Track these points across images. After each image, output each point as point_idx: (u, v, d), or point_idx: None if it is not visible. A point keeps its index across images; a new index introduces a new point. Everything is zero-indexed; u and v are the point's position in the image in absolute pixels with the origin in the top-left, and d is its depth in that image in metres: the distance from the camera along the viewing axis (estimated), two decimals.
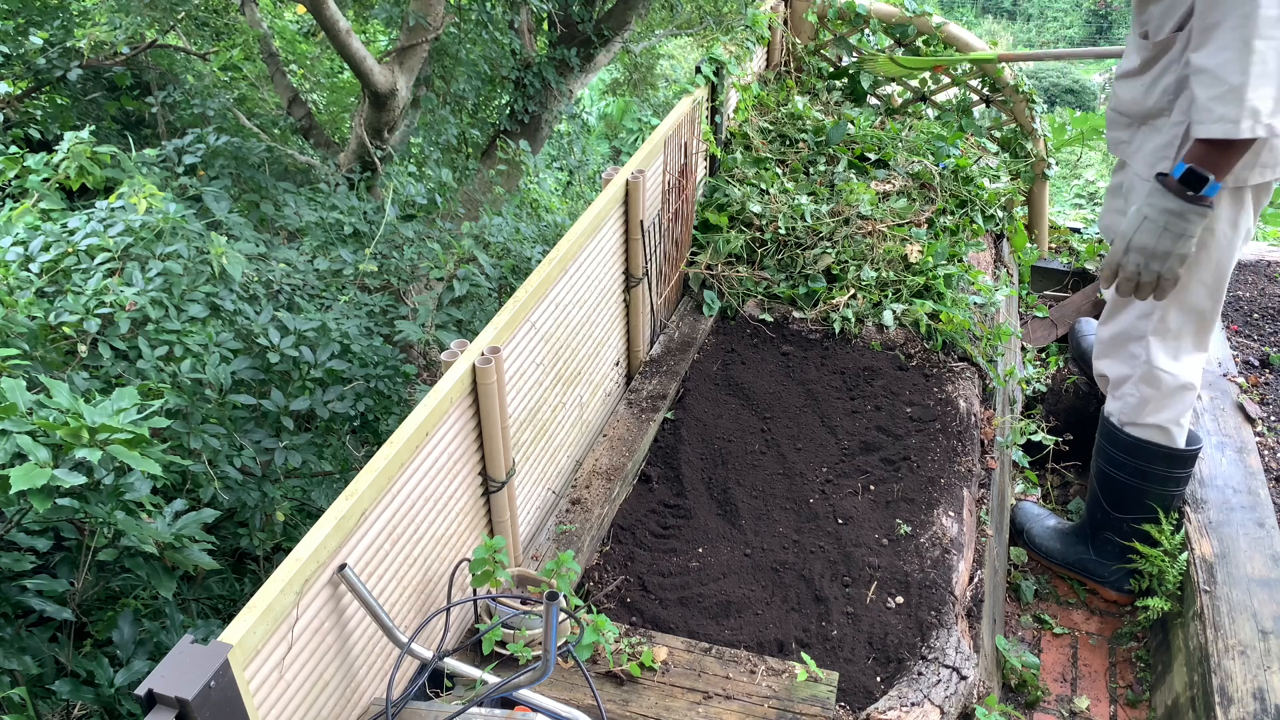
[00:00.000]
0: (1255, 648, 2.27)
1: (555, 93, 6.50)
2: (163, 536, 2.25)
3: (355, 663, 1.71)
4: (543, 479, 2.37)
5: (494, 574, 1.88)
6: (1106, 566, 2.70)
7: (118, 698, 2.24)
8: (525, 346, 2.15)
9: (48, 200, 3.24)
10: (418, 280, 4.07)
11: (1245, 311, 3.77)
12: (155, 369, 2.68)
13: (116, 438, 1.98)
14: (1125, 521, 2.61)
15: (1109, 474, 2.60)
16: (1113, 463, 2.58)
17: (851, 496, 2.49)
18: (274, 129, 6.24)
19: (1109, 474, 2.60)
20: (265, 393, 3.02)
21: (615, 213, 2.61)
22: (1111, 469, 2.58)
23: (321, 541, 1.51)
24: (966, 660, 2.03)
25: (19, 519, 2.32)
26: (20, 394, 1.98)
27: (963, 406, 2.79)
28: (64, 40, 5.30)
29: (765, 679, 1.91)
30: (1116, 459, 2.56)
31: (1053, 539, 2.84)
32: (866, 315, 3.09)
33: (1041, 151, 4.12)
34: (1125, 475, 2.56)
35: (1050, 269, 4.27)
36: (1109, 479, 2.60)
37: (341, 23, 4.64)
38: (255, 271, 3.44)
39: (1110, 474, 2.59)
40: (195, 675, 1.24)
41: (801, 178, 3.63)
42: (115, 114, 5.86)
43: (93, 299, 2.70)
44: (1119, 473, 2.57)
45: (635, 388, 2.86)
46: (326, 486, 3.37)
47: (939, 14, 4.20)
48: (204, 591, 2.88)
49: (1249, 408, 3.09)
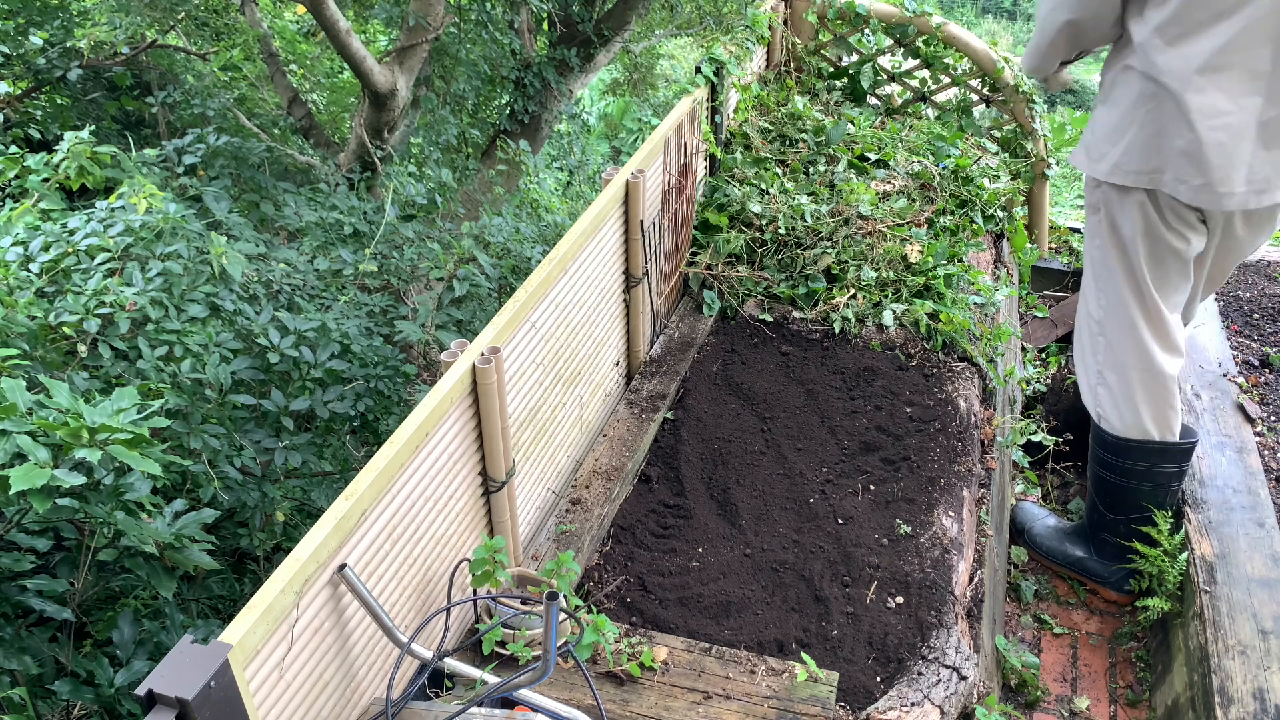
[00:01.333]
0: (1255, 648, 2.27)
1: (555, 93, 6.50)
2: (163, 536, 2.25)
3: (355, 663, 1.71)
4: (543, 479, 2.37)
5: (494, 574, 1.88)
6: (1106, 567, 2.71)
7: (118, 698, 2.24)
8: (525, 346, 2.15)
9: (48, 200, 3.24)
10: (418, 280, 4.07)
11: (1245, 311, 3.77)
12: (155, 369, 2.68)
13: (116, 438, 1.98)
14: (1122, 521, 2.61)
15: (1100, 474, 2.61)
16: (1102, 463, 2.59)
17: (851, 496, 2.49)
18: (274, 129, 6.25)
19: (1100, 474, 2.61)
20: (265, 393, 3.02)
21: (615, 213, 2.61)
22: (1101, 469, 2.60)
23: (321, 541, 1.51)
24: (966, 660, 2.03)
25: (19, 519, 2.32)
26: (20, 394, 1.98)
27: (963, 406, 2.79)
28: (64, 40, 5.30)
29: (765, 679, 1.91)
30: (1104, 459, 2.58)
31: (1053, 539, 2.84)
32: (866, 315, 3.09)
33: (1041, 151, 4.11)
34: (1114, 475, 2.56)
35: (1050, 269, 4.27)
36: (1100, 479, 2.61)
37: (341, 23, 4.65)
38: (255, 271, 3.44)
39: (1101, 474, 2.60)
40: (195, 675, 1.24)
41: (801, 178, 3.63)
42: (115, 114, 5.87)
43: (93, 299, 2.70)
44: (1108, 473, 2.57)
45: (635, 388, 2.86)
46: (326, 486, 3.37)
47: (939, 14, 4.20)
48: (204, 591, 2.88)
49: (1249, 408, 3.09)
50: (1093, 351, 2.53)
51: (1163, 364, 2.43)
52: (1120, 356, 2.46)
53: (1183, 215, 2.28)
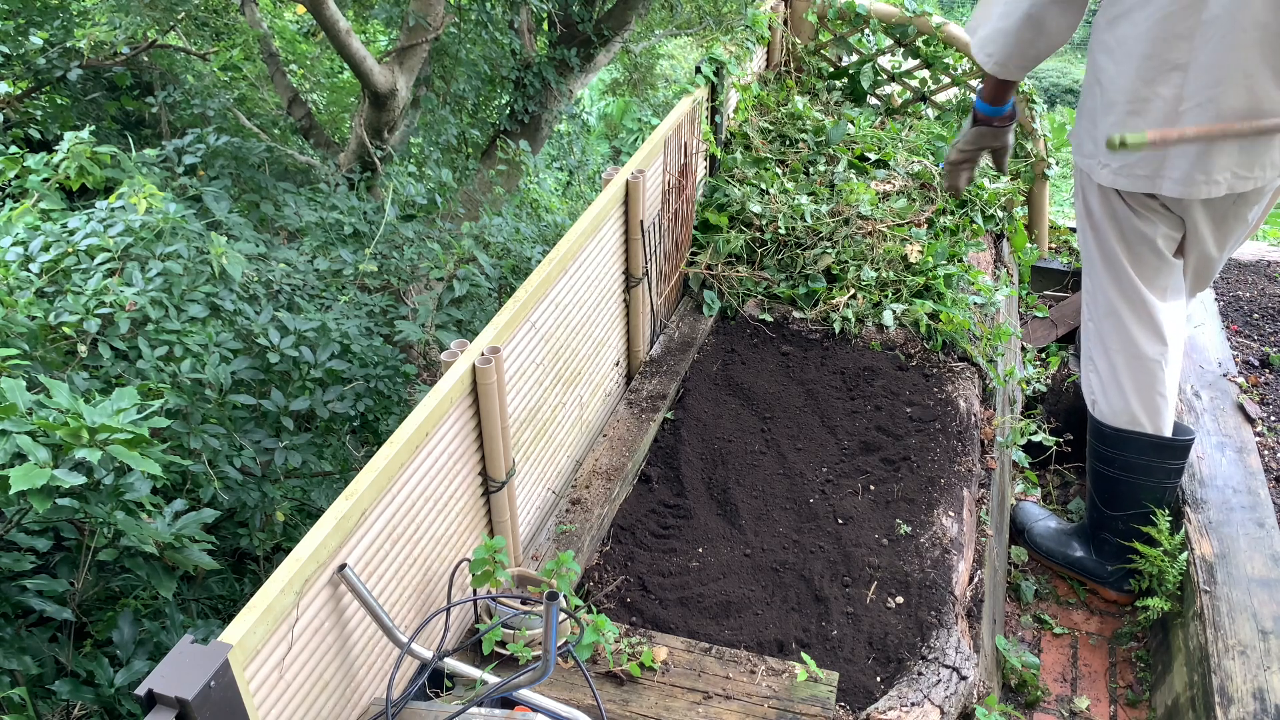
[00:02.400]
0: (1255, 648, 2.27)
1: (555, 93, 6.50)
2: (163, 536, 2.25)
3: (355, 663, 1.71)
4: (543, 479, 2.37)
5: (494, 574, 1.88)
6: (1105, 567, 2.71)
7: (118, 698, 2.24)
8: (525, 346, 2.15)
9: (48, 200, 3.24)
10: (418, 280, 4.07)
11: (1245, 311, 3.77)
12: (155, 369, 2.68)
13: (116, 438, 1.98)
14: (1120, 519, 2.61)
15: (1097, 469, 2.61)
16: (1099, 457, 2.59)
17: (851, 496, 2.49)
18: (274, 129, 6.25)
19: (1097, 469, 2.61)
20: (265, 393, 3.02)
21: (615, 213, 2.61)
22: (1099, 464, 2.60)
23: (321, 541, 1.51)
24: (966, 660, 2.03)
25: (19, 519, 2.32)
26: (20, 394, 1.98)
27: (963, 406, 2.79)
28: (64, 40, 5.30)
29: (765, 679, 1.91)
30: (1101, 453, 2.58)
31: (1053, 540, 2.85)
32: (866, 315, 3.09)
33: (1041, 151, 4.11)
34: (1112, 470, 2.57)
35: (1050, 269, 4.27)
36: (1098, 475, 2.62)
37: (341, 23, 4.65)
38: (255, 271, 3.44)
39: (1098, 469, 2.61)
40: (195, 675, 1.24)
41: (801, 178, 3.63)
42: (115, 114, 5.86)
43: (92, 299, 2.70)
44: (1106, 467, 2.58)
45: (635, 388, 2.86)
46: (326, 486, 3.37)
47: (939, 14, 4.20)
48: (204, 591, 2.88)
49: (1249, 408, 3.09)
50: (1084, 336, 2.56)
51: (1146, 349, 2.42)
52: (1106, 341, 2.47)
53: (1142, 200, 2.27)
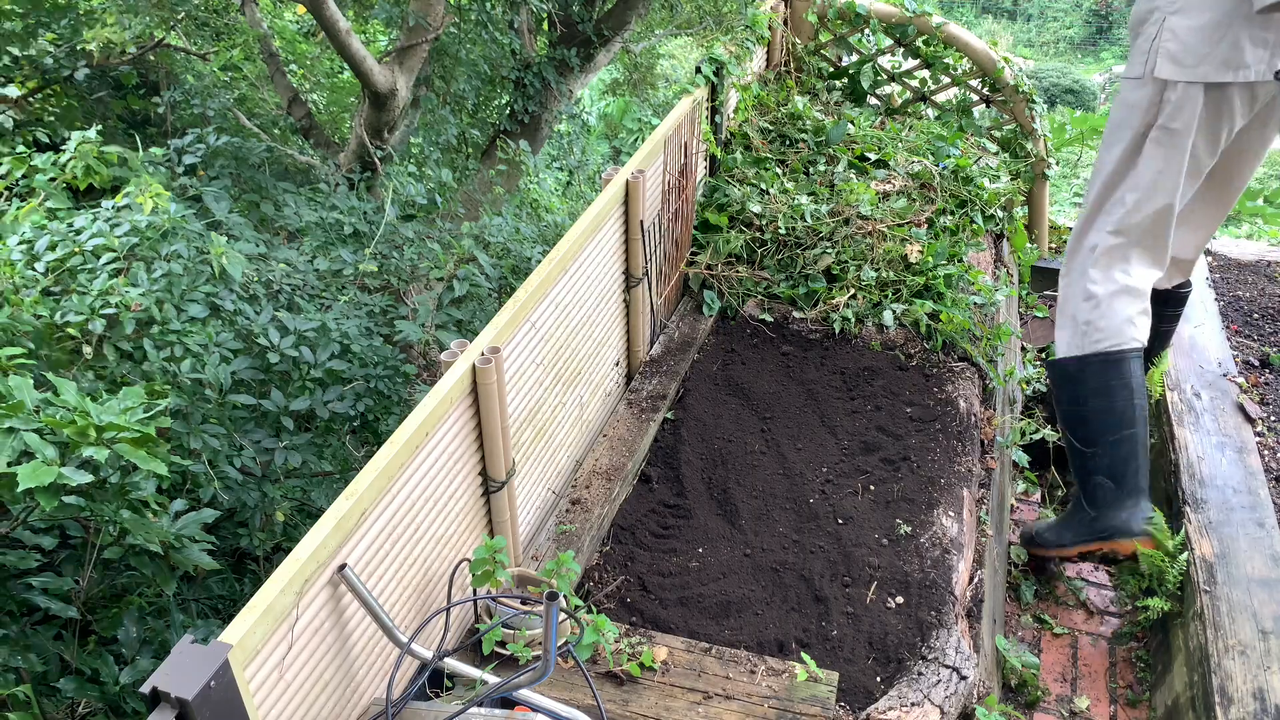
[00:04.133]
0: (1255, 648, 2.27)
1: (555, 93, 6.50)
2: (167, 535, 2.26)
3: (355, 663, 1.71)
4: (543, 479, 2.37)
5: (494, 574, 1.88)
6: (1113, 516, 2.59)
7: (122, 695, 2.25)
8: (525, 346, 2.16)
9: (54, 199, 3.25)
10: (418, 280, 4.07)
11: (1245, 311, 3.77)
12: (160, 370, 2.69)
13: (123, 436, 1.98)
14: (1099, 453, 2.58)
15: (1065, 412, 2.66)
16: (1067, 400, 2.65)
17: (851, 496, 2.50)
18: (274, 129, 6.25)
19: (1065, 412, 2.66)
20: (265, 393, 3.02)
21: (615, 213, 2.62)
22: (1068, 405, 2.65)
23: (321, 541, 1.51)
24: (966, 660, 2.03)
25: (25, 516, 2.32)
26: (28, 392, 1.98)
27: (963, 406, 2.79)
28: (71, 40, 5.30)
29: (765, 679, 1.91)
30: (1067, 394, 2.65)
31: (1057, 528, 2.79)
32: (866, 315, 3.09)
33: (1041, 151, 4.12)
34: (1081, 408, 2.61)
35: (1050, 269, 4.27)
36: (1067, 416, 2.66)
37: (341, 23, 4.65)
38: (255, 271, 3.45)
39: (1066, 411, 2.66)
40: (195, 675, 1.24)
41: (801, 178, 3.63)
42: (121, 113, 5.87)
43: (98, 299, 2.70)
44: (1076, 407, 2.63)
45: (635, 388, 2.86)
46: (326, 486, 3.38)
47: (939, 14, 4.20)
48: (204, 591, 2.88)
49: (1249, 408, 3.09)
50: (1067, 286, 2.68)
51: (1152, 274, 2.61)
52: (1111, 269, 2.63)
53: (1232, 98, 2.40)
